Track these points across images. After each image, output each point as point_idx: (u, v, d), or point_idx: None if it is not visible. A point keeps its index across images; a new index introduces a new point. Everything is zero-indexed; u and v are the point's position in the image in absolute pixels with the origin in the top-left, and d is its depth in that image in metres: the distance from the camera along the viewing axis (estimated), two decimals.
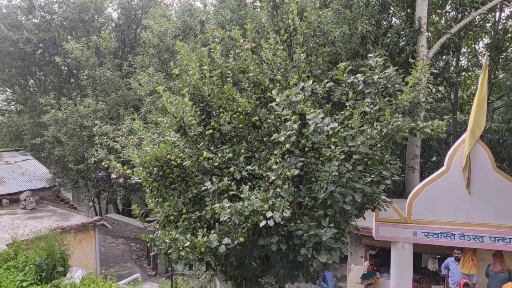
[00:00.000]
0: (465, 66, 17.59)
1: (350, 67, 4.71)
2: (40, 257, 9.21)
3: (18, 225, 12.34)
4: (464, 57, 18.29)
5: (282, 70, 5.51)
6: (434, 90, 5.04)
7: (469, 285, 7.73)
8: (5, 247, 10.50)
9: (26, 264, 9.41)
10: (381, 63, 4.71)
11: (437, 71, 13.17)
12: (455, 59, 16.46)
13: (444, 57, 14.56)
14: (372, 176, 4.82)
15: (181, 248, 4.20)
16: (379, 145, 4.74)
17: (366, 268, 10.87)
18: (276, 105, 4.24)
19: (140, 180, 5.26)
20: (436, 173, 7.29)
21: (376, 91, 4.67)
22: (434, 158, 18.12)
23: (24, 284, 8.83)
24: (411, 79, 4.79)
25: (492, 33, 16.06)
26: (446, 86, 13.48)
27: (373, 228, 7.64)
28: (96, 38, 17.25)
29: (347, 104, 4.98)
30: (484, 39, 17.64)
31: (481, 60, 16.18)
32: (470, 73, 18.24)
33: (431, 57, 13.03)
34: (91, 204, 20.14)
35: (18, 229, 11.26)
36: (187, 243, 4.16)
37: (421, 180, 7.70)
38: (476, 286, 8.52)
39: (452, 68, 14.70)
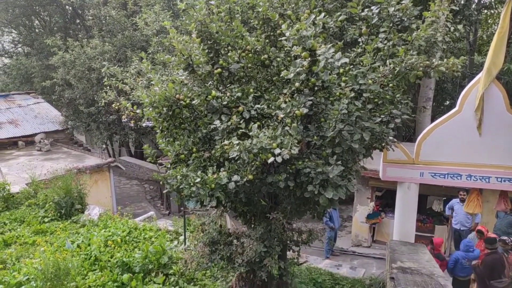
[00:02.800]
0: (487, 3, 16.55)
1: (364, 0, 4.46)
2: (58, 195, 9.66)
3: (35, 166, 12.80)
4: None
5: (293, 5, 5.26)
6: (452, 28, 4.79)
7: (482, 231, 7.61)
8: (25, 186, 10.99)
9: (46, 202, 9.92)
10: None
11: (457, 8, 12.45)
12: None
13: None
14: (382, 116, 4.77)
15: (192, 184, 4.33)
16: (391, 85, 4.63)
17: (372, 208, 11.20)
18: (286, 40, 4.10)
19: (150, 124, 5.29)
20: (448, 114, 7.17)
21: (391, 25, 4.46)
22: (447, 102, 17.74)
23: (46, 219, 9.37)
24: (429, 14, 4.54)
25: None
26: (466, 24, 12.82)
27: (381, 168, 7.72)
28: None
29: (360, 40, 4.79)
30: None
31: None
32: (492, 11, 17.20)
33: None
34: (104, 146, 20.59)
35: (35, 170, 11.70)
36: (198, 179, 4.28)
37: None
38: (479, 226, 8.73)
39: (473, 5, 13.87)
